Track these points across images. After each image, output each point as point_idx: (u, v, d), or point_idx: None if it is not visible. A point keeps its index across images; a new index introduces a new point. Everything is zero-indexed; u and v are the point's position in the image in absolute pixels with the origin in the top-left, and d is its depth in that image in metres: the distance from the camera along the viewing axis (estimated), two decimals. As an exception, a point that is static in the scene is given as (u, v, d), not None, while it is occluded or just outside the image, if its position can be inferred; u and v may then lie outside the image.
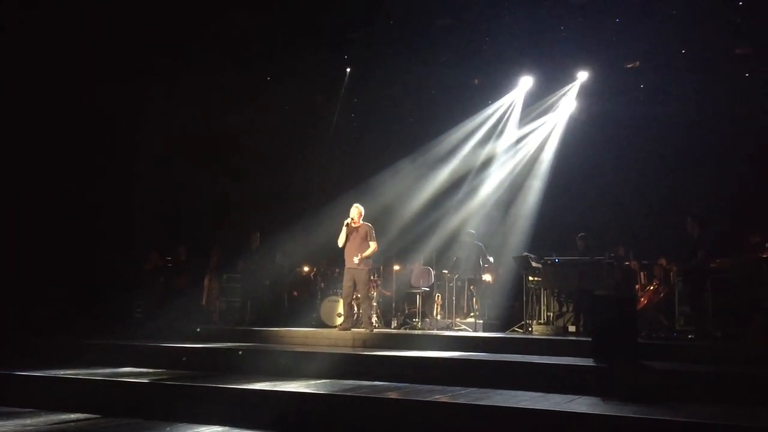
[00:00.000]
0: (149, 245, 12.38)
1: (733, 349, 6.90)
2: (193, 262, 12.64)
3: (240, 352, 4.59)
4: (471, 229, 11.74)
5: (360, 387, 5.58)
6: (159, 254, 12.34)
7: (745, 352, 6.68)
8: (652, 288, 10.89)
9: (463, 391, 5.37)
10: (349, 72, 14.06)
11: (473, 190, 13.87)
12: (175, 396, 5.49)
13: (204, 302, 12.48)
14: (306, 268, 12.95)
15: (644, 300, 10.58)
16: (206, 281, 12.62)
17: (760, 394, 4.93)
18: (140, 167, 12.93)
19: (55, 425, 4.91)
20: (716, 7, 11.28)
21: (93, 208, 12.31)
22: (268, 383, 5.66)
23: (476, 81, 13.83)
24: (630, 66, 12.94)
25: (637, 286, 10.84)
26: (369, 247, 9.25)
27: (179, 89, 12.48)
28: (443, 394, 5.15)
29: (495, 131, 13.91)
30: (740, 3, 11.40)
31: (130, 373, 6.45)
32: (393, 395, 5.22)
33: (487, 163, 14.02)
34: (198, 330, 5.42)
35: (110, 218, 12.46)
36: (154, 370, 6.71)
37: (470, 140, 13.81)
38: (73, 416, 5.26)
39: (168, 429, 4.79)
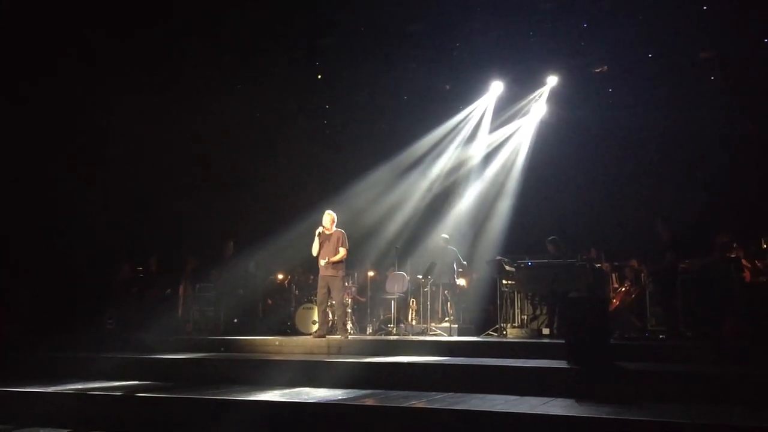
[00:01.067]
0: (120, 257, 12.23)
1: (704, 349, 6.99)
2: (164, 273, 12.53)
3: (222, 349, 4.52)
4: (445, 234, 11.79)
5: (336, 395, 5.55)
6: (131, 266, 12.20)
7: (717, 352, 6.76)
8: (623, 289, 11.03)
9: (440, 396, 5.38)
10: (320, 78, 14.03)
11: (446, 195, 13.94)
12: (149, 408, 5.41)
13: (180, 312, 12.34)
14: (280, 276, 12.89)
15: (616, 301, 10.70)
16: (181, 290, 12.49)
17: (731, 394, 5.00)
18: (109, 177, 12.75)
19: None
20: (681, 12, 11.46)
21: (63, 220, 12.12)
22: (243, 394, 5.60)
23: (448, 86, 13.91)
24: (598, 71, 13.12)
25: (609, 288, 10.96)
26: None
27: (147, 97, 12.35)
28: (420, 400, 5.15)
29: (467, 136, 14.00)
30: (704, 8, 11.61)
31: (101, 387, 6.35)
32: (369, 402, 5.21)
33: (459, 167, 14.10)
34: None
35: (80, 229, 12.28)
36: (127, 383, 6.62)
37: (442, 146, 13.88)
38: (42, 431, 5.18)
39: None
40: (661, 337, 8.82)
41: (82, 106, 11.95)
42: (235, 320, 11.31)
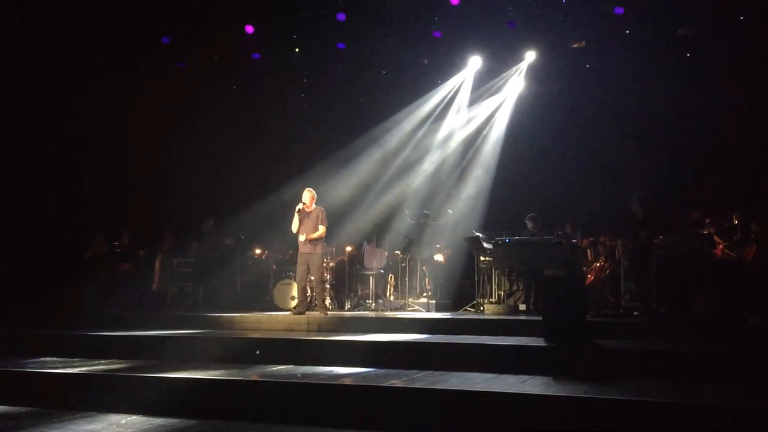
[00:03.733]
0: (95, 230, 12.12)
1: (677, 325, 7.14)
2: (137, 247, 12.45)
3: (258, 352, 4.47)
4: (426, 210, 11.82)
5: (316, 373, 5.60)
6: (104, 239, 12.09)
7: (689, 328, 6.91)
8: (598, 264, 11.18)
9: (419, 374, 5.45)
10: (298, 52, 13.90)
11: (424, 171, 13.96)
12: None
13: (155, 287, 12.28)
14: (257, 251, 12.86)
15: (591, 276, 10.85)
16: (157, 265, 12.41)
17: (704, 371, 5.13)
18: (85, 150, 12.59)
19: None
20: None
21: (36, 193, 11.96)
22: (222, 371, 5.63)
23: (426, 61, 13.85)
24: (576, 46, 13.14)
25: (584, 262, 11.10)
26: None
27: (123, 75, 12.20)
28: (399, 379, 5.21)
29: (445, 111, 13.99)
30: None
31: (79, 363, 6.32)
32: (349, 381, 5.26)
33: (438, 143, 14.10)
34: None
35: (55, 203, 12.15)
36: (106, 360, 6.60)
37: (421, 120, 13.86)
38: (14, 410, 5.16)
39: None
40: (635, 313, 8.97)
41: (55, 82, 11.75)
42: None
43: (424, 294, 11.51)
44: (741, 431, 3.87)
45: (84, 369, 5.94)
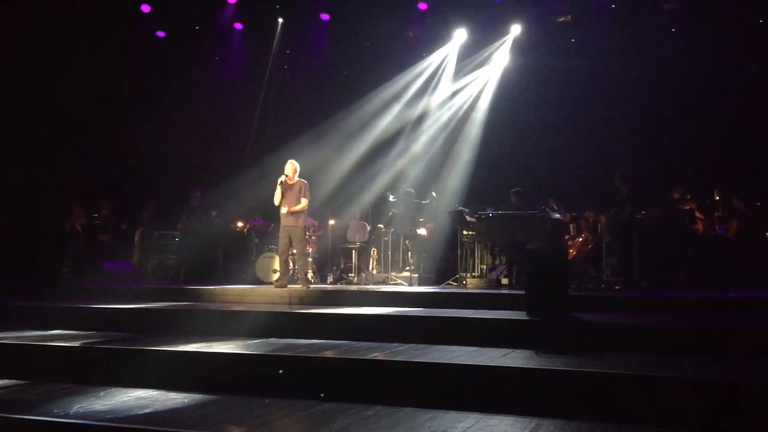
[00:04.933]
0: (72, 200, 12.00)
1: (658, 300, 7.18)
2: (117, 219, 12.34)
3: (281, 371, 4.33)
4: (410, 188, 11.74)
5: (297, 346, 5.57)
6: (81, 209, 11.96)
7: (670, 302, 6.96)
8: (580, 239, 11.22)
9: (402, 347, 5.43)
10: (282, 23, 13.71)
11: (408, 145, 13.88)
12: (107, 359, 5.35)
13: (135, 259, 12.19)
14: (240, 224, 12.78)
15: (573, 251, 10.90)
16: (137, 237, 12.31)
17: (683, 345, 5.15)
18: (64, 119, 12.38)
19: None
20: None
21: (14, 163, 11.77)
22: (203, 344, 5.58)
23: (411, 33, 13.72)
24: (561, 20, 13.07)
25: (567, 237, 11.14)
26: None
27: (99, 40, 11.99)
28: (381, 352, 5.19)
29: (430, 85, 13.89)
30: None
31: (59, 336, 6.26)
32: (330, 354, 5.24)
33: (422, 117, 14.02)
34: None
35: (31, 173, 11.96)
36: (85, 333, 6.53)
37: (405, 94, 13.76)
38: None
39: (102, 393, 4.68)
40: (617, 288, 9.03)
41: (35, 47, 11.53)
42: None
43: (407, 268, 11.50)
44: (720, 405, 3.89)
45: (90, 342, 5.85)
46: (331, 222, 11.99)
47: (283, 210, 9.17)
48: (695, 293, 7.79)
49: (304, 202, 9.20)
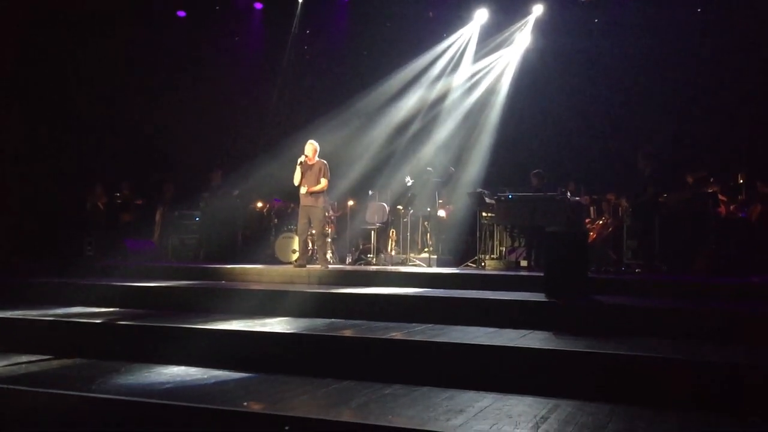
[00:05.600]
0: (93, 180, 12.12)
1: (678, 284, 7.13)
2: (138, 198, 12.46)
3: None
4: (429, 167, 11.73)
5: (316, 325, 5.61)
6: (104, 188, 12.09)
7: (690, 287, 6.91)
8: (601, 222, 11.15)
9: (419, 327, 5.45)
10: (302, 3, 13.67)
11: (427, 126, 13.84)
12: (139, 336, 5.42)
13: (156, 238, 12.31)
14: (259, 204, 12.84)
15: (593, 234, 10.84)
16: (158, 216, 12.43)
17: (704, 329, 5.12)
18: (85, 99, 12.46)
19: (6, 367, 4.82)
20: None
21: (34, 142, 11.87)
22: (223, 323, 5.63)
23: (431, 13, 13.62)
24: (584, 0, 12.90)
25: (587, 220, 11.08)
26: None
27: (120, 19, 12.03)
28: (399, 331, 5.21)
29: (450, 66, 13.81)
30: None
31: (83, 313, 6.34)
32: (349, 333, 5.27)
33: (442, 98, 13.95)
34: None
35: (55, 153, 12.07)
36: (107, 310, 6.61)
37: (425, 75, 13.69)
38: (24, 358, 5.16)
39: (147, 369, 4.75)
40: (637, 271, 8.97)
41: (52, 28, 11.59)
42: None
43: (426, 249, 11.51)
44: (738, 389, 3.87)
45: (113, 319, 5.93)
46: (350, 203, 12.00)
47: (303, 190, 9.19)
48: (716, 278, 7.72)
49: (323, 182, 9.21)
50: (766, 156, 11.26)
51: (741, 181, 10.25)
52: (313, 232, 9.76)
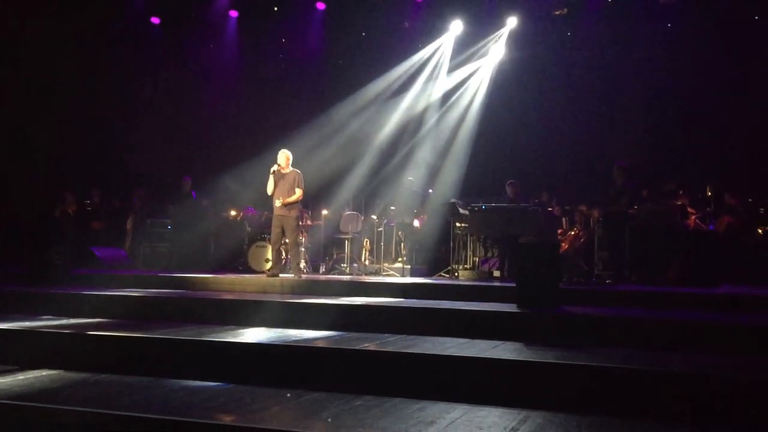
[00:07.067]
0: (62, 188, 11.97)
1: (648, 295, 7.22)
2: (108, 206, 12.31)
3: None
4: (410, 177, 11.77)
5: (288, 335, 5.58)
6: (73, 195, 11.94)
7: (660, 297, 7.00)
8: (573, 233, 11.26)
9: (393, 338, 5.45)
10: (277, 11, 13.67)
11: (403, 136, 13.87)
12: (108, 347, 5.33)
13: (127, 246, 12.18)
14: (233, 213, 12.76)
15: (565, 245, 10.94)
16: (129, 224, 12.29)
17: (672, 339, 5.19)
18: (55, 105, 12.30)
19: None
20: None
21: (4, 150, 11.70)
22: (195, 334, 5.57)
23: (407, 24, 13.69)
24: (558, 13, 13.06)
25: (559, 231, 11.18)
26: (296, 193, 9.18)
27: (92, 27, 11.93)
28: (372, 342, 5.21)
29: (425, 77, 13.87)
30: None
31: (51, 324, 6.23)
32: (321, 343, 5.25)
33: (417, 108, 14.00)
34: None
35: (17, 160, 11.89)
36: (77, 321, 6.51)
37: (400, 85, 13.74)
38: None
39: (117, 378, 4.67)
40: (607, 281, 9.06)
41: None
42: None
43: (399, 259, 11.52)
44: (707, 399, 3.92)
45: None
46: (324, 212, 11.98)
47: (277, 203, 9.12)
48: (685, 289, 7.83)
49: (298, 193, 9.18)
50: (734, 169, 11.49)
51: (709, 193, 10.42)
52: (287, 241, 9.71)
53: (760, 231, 10.67)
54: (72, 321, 6.41)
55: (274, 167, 9.14)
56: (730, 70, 11.87)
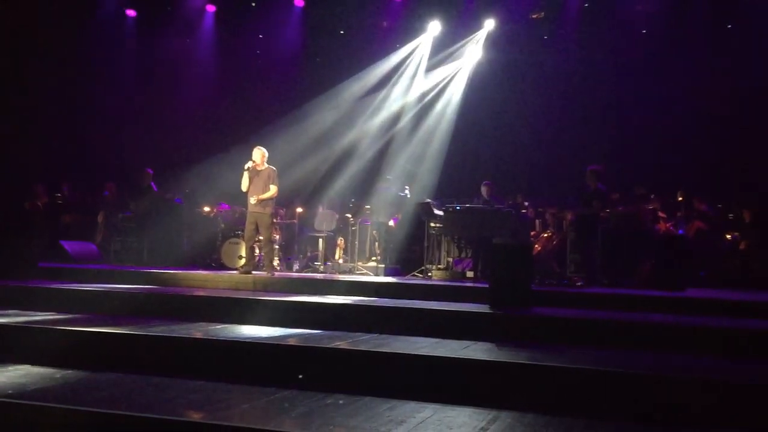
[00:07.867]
0: (32, 180, 11.78)
1: (618, 297, 7.30)
2: (78, 199, 12.14)
3: (300, 377, 4.14)
4: (388, 176, 11.76)
5: (260, 333, 5.55)
6: (44, 188, 11.76)
7: (630, 300, 7.09)
8: (546, 235, 11.33)
9: (365, 337, 5.45)
10: (255, 7, 13.59)
11: (379, 135, 13.88)
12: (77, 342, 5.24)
13: (98, 240, 12.01)
14: (206, 209, 12.65)
15: (538, 247, 10.99)
16: (100, 218, 12.13)
17: (641, 341, 5.26)
18: (28, 97, 12.10)
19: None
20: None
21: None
22: (166, 330, 5.53)
23: (385, 23, 13.71)
24: (535, 16, 13.17)
25: (532, 233, 11.24)
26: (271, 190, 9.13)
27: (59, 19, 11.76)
28: (344, 341, 5.20)
29: (403, 76, 13.89)
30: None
31: (25, 320, 6.13)
32: (293, 341, 5.23)
33: (394, 107, 14.02)
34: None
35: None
36: (43, 316, 6.41)
37: (377, 84, 13.75)
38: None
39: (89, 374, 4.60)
40: (579, 284, 9.14)
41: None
42: None
43: (374, 258, 11.52)
44: (675, 400, 3.98)
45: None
46: (299, 210, 11.94)
47: (252, 200, 9.07)
48: (654, 291, 7.93)
49: (273, 190, 9.13)
50: (704, 174, 11.66)
51: (680, 198, 10.56)
52: (261, 238, 9.66)
53: (728, 236, 10.86)
54: (39, 316, 6.31)
55: (249, 164, 9.08)
56: (702, 77, 12.06)
